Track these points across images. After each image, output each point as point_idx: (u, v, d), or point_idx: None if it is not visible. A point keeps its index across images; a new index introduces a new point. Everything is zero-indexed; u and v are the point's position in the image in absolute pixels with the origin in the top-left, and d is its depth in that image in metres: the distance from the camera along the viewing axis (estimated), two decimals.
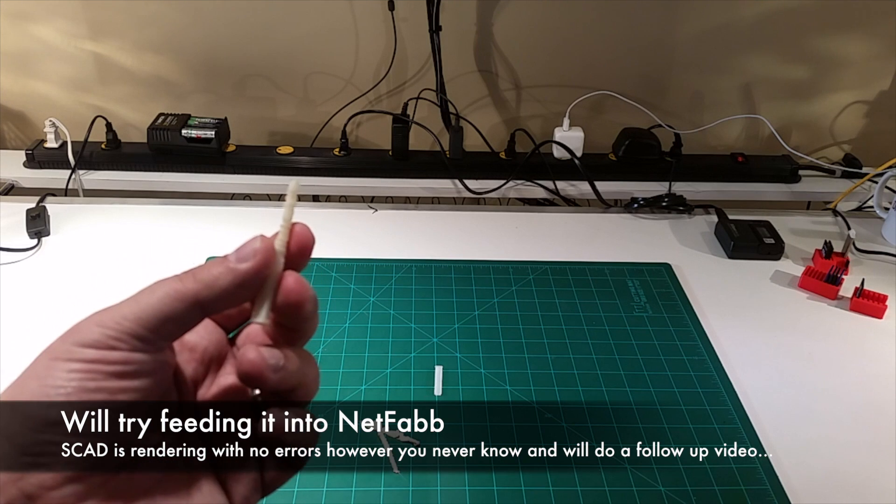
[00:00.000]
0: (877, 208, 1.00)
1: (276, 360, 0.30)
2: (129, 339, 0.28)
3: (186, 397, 0.32)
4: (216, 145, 1.04)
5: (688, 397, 0.69)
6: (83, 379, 0.27)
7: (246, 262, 0.29)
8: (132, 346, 0.28)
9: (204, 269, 0.30)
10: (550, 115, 1.20)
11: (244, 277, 0.29)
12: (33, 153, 1.06)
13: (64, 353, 0.27)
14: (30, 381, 0.27)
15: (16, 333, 0.73)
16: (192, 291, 0.29)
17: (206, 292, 0.29)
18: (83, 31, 1.11)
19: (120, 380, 0.28)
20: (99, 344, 0.27)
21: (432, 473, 0.60)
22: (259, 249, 0.30)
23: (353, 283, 0.82)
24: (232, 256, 0.30)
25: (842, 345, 0.77)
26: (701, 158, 1.12)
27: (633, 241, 0.95)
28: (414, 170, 1.08)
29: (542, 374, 0.71)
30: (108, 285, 0.81)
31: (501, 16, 1.11)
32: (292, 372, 0.31)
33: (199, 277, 0.29)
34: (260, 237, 0.30)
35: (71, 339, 0.28)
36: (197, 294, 0.29)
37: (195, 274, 0.29)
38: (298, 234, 0.32)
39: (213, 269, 0.29)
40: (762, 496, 0.59)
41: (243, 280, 0.29)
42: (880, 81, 1.18)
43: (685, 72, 1.17)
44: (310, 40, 1.13)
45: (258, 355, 0.30)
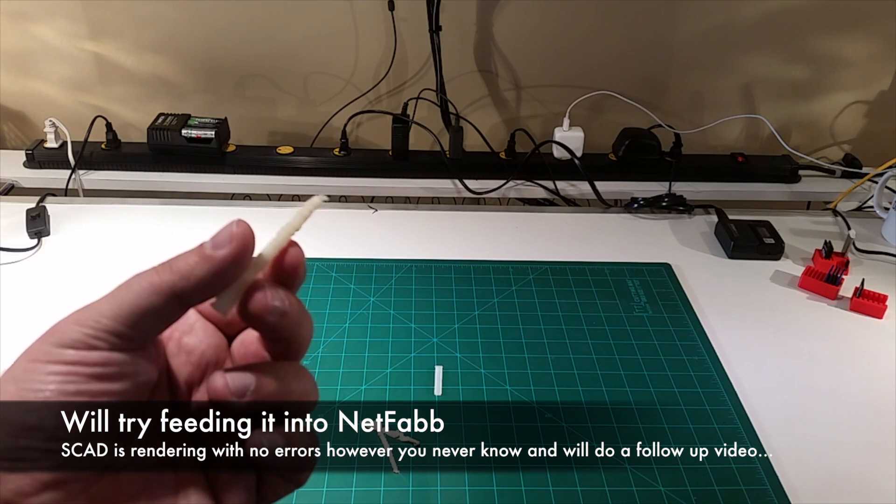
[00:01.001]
0: (877, 208, 1.00)
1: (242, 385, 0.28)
2: (108, 336, 0.27)
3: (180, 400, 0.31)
4: (216, 145, 1.04)
5: (688, 397, 0.69)
6: (62, 382, 0.26)
7: (222, 248, 0.28)
8: (112, 344, 0.27)
9: (180, 258, 0.28)
10: (550, 115, 1.20)
11: (221, 265, 0.28)
12: (33, 153, 1.06)
13: (43, 354, 0.27)
14: (7, 384, 0.26)
15: (16, 333, 0.73)
16: (168, 283, 0.27)
17: (182, 283, 0.27)
18: (83, 31, 1.11)
19: (100, 382, 0.27)
20: (78, 344, 0.27)
21: (432, 473, 0.60)
22: (236, 234, 0.28)
23: (353, 283, 0.82)
24: (208, 243, 0.28)
25: (842, 345, 0.77)
26: (701, 158, 1.12)
27: (633, 241, 0.95)
28: (414, 170, 1.08)
29: (542, 374, 0.71)
30: (108, 285, 0.81)
31: (501, 16, 1.11)
32: (270, 393, 0.29)
33: (175, 268, 0.28)
34: (236, 221, 0.28)
35: (50, 340, 0.27)
36: (173, 286, 0.27)
37: (171, 265, 0.28)
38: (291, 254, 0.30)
39: (189, 259, 0.28)
40: (762, 496, 0.59)
41: (220, 268, 0.28)
42: (880, 81, 1.18)
43: (685, 72, 1.17)
44: (310, 40, 1.13)
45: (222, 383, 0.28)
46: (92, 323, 0.27)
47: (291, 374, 0.30)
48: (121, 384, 0.27)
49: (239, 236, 0.28)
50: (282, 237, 0.30)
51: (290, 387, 0.30)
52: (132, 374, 0.28)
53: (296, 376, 0.30)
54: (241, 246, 0.28)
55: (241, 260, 0.28)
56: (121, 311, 0.27)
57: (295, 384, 0.30)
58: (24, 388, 0.26)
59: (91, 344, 0.27)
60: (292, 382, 0.30)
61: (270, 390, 0.29)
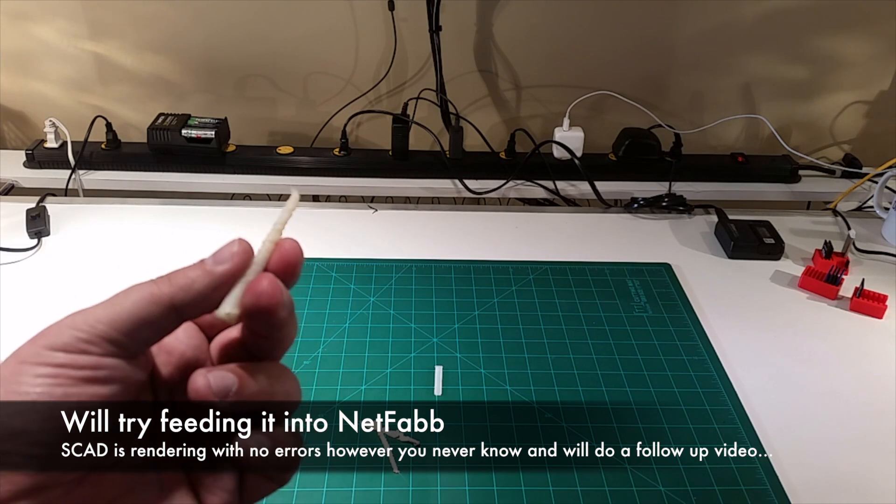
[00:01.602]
0: (877, 208, 1.00)
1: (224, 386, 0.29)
2: (101, 342, 0.27)
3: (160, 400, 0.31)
4: (216, 145, 1.04)
5: (688, 397, 0.69)
6: (50, 385, 0.26)
7: (223, 264, 0.29)
8: (105, 350, 0.27)
9: (180, 272, 0.29)
10: (550, 115, 1.20)
11: (221, 280, 0.28)
12: (33, 153, 1.06)
13: (32, 356, 0.26)
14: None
15: (16, 333, 0.73)
16: (167, 295, 0.28)
17: (181, 295, 0.28)
18: (83, 31, 1.11)
19: (89, 385, 0.27)
20: (69, 347, 0.27)
21: (432, 473, 0.60)
22: (237, 252, 0.29)
23: (353, 283, 0.82)
24: (209, 260, 0.29)
25: (842, 345, 0.77)
26: (701, 158, 1.12)
27: (633, 241, 0.95)
28: (414, 170, 1.08)
29: (542, 374, 0.71)
30: (108, 285, 0.81)
31: (501, 16, 1.11)
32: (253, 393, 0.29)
33: (174, 281, 0.28)
34: (238, 240, 0.29)
35: (41, 342, 0.27)
36: (172, 297, 0.28)
37: (171, 277, 0.29)
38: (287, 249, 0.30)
39: (189, 273, 0.29)
40: (762, 496, 0.59)
41: (220, 283, 0.28)
42: (880, 81, 1.18)
43: (685, 72, 1.17)
44: (310, 40, 1.13)
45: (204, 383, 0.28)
46: (87, 327, 0.27)
47: (275, 374, 0.30)
48: (110, 388, 0.27)
49: (240, 253, 0.29)
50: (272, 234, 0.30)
51: (272, 387, 0.30)
52: (121, 379, 0.28)
53: (279, 377, 0.30)
54: (242, 262, 0.29)
55: (240, 275, 0.29)
56: (118, 319, 0.27)
57: (278, 384, 0.30)
58: (10, 391, 0.26)
59: (83, 348, 0.27)
60: (275, 383, 0.30)
61: (253, 390, 0.29)
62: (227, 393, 0.29)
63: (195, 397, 0.28)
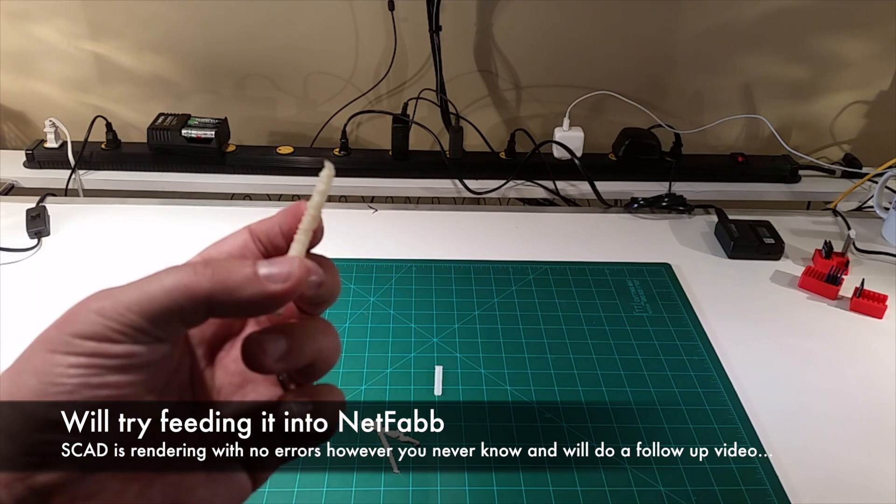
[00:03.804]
0: (877, 208, 1.00)
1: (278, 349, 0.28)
2: (132, 332, 0.26)
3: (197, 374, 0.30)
4: (216, 145, 1.04)
5: (688, 397, 0.69)
6: (86, 375, 0.25)
7: (277, 284, 0.27)
8: (135, 338, 0.26)
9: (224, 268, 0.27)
10: (550, 115, 1.20)
11: (271, 299, 0.27)
12: (33, 153, 1.06)
13: (62, 344, 0.26)
14: (28, 376, 0.26)
15: (16, 334, 0.73)
16: (205, 290, 0.26)
17: (222, 296, 0.26)
18: (83, 31, 1.11)
19: (123, 374, 0.26)
20: (99, 336, 0.26)
21: (432, 473, 0.60)
22: (295, 274, 0.27)
23: (353, 283, 0.82)
24: (263, 269, 0.27)
25: (842, 345, 0.77)
26: (701, 158, 1.12)
27: (633, 241, 0.95)
28: (414, 170, 1.08)
29: (542, 374, 0.71)
30: (108, 285, 0.81)
31: (501, 16, 1.11)
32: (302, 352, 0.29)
33: (216, 276, 0.26)
34: (298, 259, 0.28)
35: (69, 329, 0.26)
36: (211, 295, 0.26)
37: (213, 270, 0.26)
38: None
39: (235, 273, 0.27)
40: (762, 496, 0.59)
41: (269, 301, 0.27)
42: (880, 81, 1.18)
43: (685, 72, 1.17)
44: (310, 40, 1.13)
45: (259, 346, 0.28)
46: (116, 316, 0.26)
47: (320, 329, 0.30)
48: (141, 374, 0.27)
49: (296, 279, 0.27)
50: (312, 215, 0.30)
51: (320, 343, 0.29)
52: (153, 363, 0.27)
53: (324, 333, 0.30)
54: (297, 286, 0.27)
55: (291, 299, 0.28)
56: (149, 309, 0.26)
57: (324, 340, 0.30)
58: (45, 382, 0.25)
59: (113, 338, 0.26)
60: (322, 339, 0.30)
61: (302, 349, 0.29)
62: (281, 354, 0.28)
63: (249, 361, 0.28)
